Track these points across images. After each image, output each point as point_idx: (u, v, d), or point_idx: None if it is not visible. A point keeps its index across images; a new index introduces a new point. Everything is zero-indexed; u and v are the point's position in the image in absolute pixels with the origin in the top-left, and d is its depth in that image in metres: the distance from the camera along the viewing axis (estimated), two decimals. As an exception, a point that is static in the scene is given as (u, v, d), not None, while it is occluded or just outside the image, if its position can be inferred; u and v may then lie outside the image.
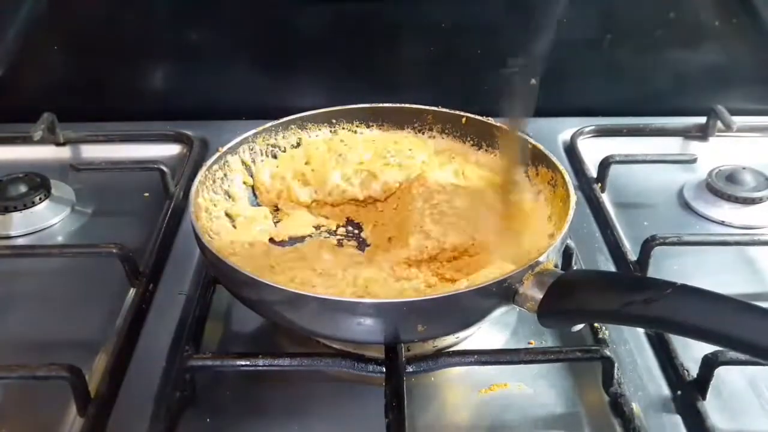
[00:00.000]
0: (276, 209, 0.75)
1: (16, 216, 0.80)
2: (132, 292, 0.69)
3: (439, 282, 0.63)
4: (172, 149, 0.95)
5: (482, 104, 0.80)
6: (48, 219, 0.81)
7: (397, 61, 0.99)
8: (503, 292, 0.54)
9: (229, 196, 0.73)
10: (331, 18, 0.96)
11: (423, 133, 0.80)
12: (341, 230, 0.73)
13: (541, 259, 0.55)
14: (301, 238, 0.71)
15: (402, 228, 0.69)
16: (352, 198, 0.74)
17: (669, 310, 0.46)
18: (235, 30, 0.97)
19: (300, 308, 0.55)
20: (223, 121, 0.95)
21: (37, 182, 0.84)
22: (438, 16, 0.96)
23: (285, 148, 0.78)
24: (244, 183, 0.75)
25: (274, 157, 0.77)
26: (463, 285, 0.57)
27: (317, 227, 0.73)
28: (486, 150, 0.78)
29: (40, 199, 0.82)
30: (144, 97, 1.01)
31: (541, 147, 0.71)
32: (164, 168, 0.84)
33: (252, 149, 0.75)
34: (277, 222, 0.74)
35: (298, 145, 0.78)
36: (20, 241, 0.79)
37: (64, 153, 0.94)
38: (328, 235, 0.72)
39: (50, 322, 0.68)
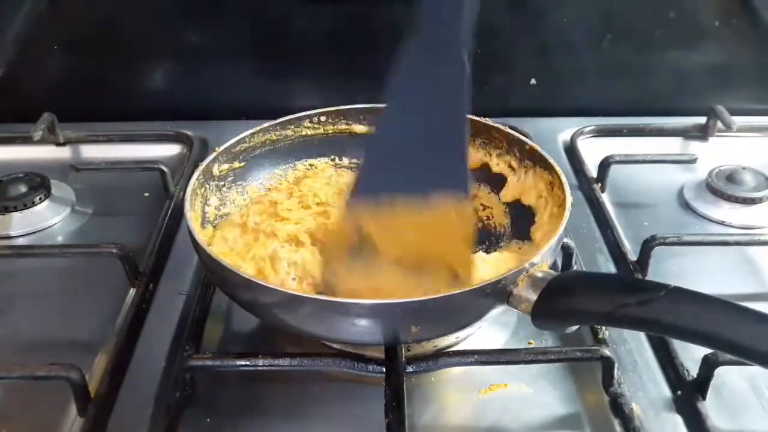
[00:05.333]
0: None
1: (16, 216, 0.80)
2: (132, 292, 0.69)
3: None
4: (172, 149, 0.95)
5: (482, 104, 0.79)
6: (48, 219, 0.81)
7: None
8: (497, 294, 0.54)
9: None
10: (331, 18, 0.96)
11: None
12: None
13: (535, 260, 0.55)
14: None
15: None
16: None
17: (662, 313, 0.46)
18: (235, 30, 0.97)
19: (294, 309, 0.55)
20: (223, 121, 0.95)
21: (37, 182, 0.84)
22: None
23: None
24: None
25: None
26: None
27: None
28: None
29: (40, 199, 0.82)
30: (144, 97, 1.01)
31: (538, 148, 0.71)
32: (164, 168, 0.84)
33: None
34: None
35: None
36: (20, 241, 0.79)
37: (64, 153, 0.94)
38: None
39: (50, 322, 0.68)
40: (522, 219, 0.71)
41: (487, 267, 0.61)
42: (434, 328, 0.57)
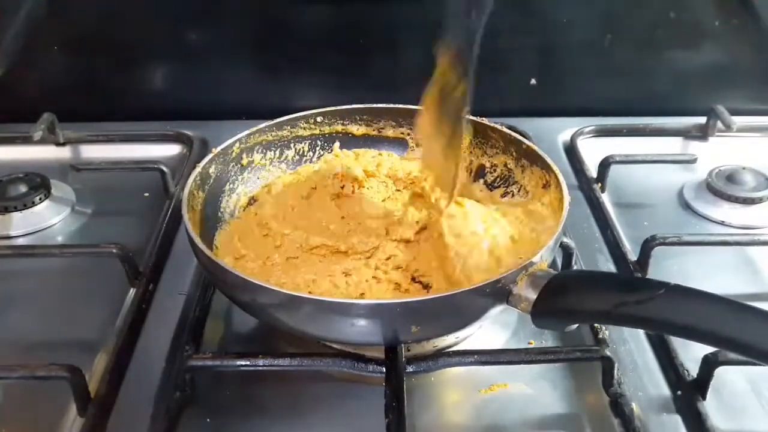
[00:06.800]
0: None
1: (16, 216, 0.80)
2: (132, 292, 0.69)
3: None
4: (172, 149, 0.95)
5: (482, 105, 0.79)
6: (48, 219, 0.81)
7: (397, 61, 0.99)
8: (497, 293, 0.54)
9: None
10: (331, 18, 0.96)
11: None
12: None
13: (534, 259, 0.55)
14: None
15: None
16: None
17: (661, 311, 0.46)
18: (235, 30, 0.97)
19: (293, 310, 0.55)
20: (223, 121, 0.95)
21: (37, 182, 0.84)
22: (438, 16, 0.95)
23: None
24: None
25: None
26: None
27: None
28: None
29: (40, 199, 0.82)
30: (144, 97, 1.01)
31: (535, 147, 0.71)
32: (164, 168, 0.84)
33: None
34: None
35: None
36: (20, 241, 0.79)
37: (64, 153, 0.94)
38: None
39: (50, 322, 0.68)
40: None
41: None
42: (434, 328, 0.57)
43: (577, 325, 0.56)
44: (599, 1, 0.95)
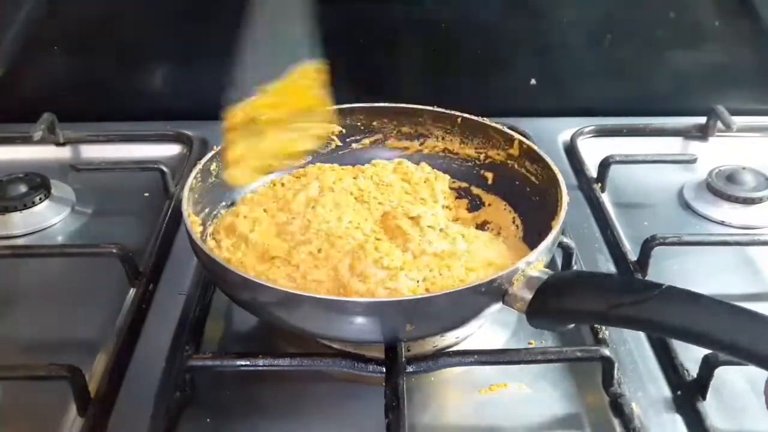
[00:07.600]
0: None
1: (16, 216, 0.80)
2: (132, 292, 0.69)
3: None
4: (172, 149, 0.95)
5: (482, 104, 0.80)
6: (48, 219, 0.81)
7: (397, 61, 0.99)
8: (493, 292, 0.54)
9: None
10: (331, 18, 0.95)
11: (417, 133, 0.80)
12: None
13: (531, 259, 0.55)
14: None
15: None
16: None
17: (656, 312, 0.46)
18: (235, 30, 0.97)
19: (292, 308, 0.55)
20: (223, 122, 0.95)
21: (37, 182, 0.84)
22: (438, 15, 0.96)
23: None
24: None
25: None
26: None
27: None
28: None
29: (40, 199, 0.82)
30: (144, 97, 1.01)
31: (535, 147, 0.71)
32: (164, 168, 0.84)
33: None
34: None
35: None
36: (20, 241, 0.79)
37: (64, 153, 0.94)
38: None
39: (50, 322, 0.68)
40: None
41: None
42: (430, 326, 0.57)
43: (573, 325, 0.56)
44: (599, 1, 0.95)
